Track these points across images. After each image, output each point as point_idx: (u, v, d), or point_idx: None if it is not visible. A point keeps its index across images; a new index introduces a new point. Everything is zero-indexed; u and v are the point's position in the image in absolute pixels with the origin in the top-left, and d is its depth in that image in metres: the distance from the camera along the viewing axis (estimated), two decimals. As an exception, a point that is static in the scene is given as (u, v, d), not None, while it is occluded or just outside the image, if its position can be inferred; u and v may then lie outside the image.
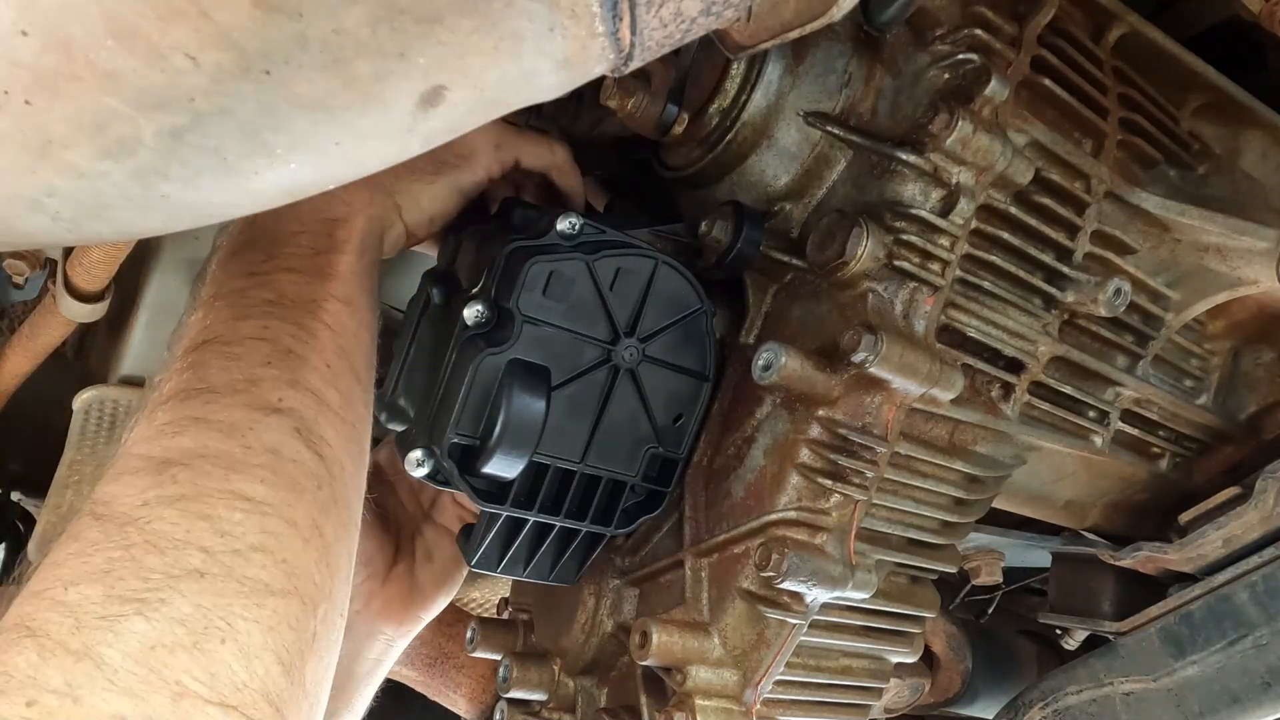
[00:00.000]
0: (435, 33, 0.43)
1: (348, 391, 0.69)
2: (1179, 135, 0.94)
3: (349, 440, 0.67)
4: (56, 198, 0.46)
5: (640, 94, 0.81)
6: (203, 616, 0.52)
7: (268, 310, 0.68)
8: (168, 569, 0.52)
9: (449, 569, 1.02)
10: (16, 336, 1.12)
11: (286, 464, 0.61)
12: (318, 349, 0.68)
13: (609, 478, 0.83)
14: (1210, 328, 1.06)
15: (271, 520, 0.58)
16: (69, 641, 0.49)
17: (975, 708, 1.44)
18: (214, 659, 0.51)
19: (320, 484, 0.62)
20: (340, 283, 0.72)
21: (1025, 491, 1.00)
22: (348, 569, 0.65)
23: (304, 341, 0.67)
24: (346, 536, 0.66)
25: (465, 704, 1.50)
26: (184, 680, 0.50)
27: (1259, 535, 0.94)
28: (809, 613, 0.78)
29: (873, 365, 0.72)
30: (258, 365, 0.64)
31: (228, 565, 0.54)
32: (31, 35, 0.40)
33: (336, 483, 0.64)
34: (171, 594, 0.52)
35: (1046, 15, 0.82)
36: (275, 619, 0.55)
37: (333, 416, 0.66)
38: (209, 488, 0.57)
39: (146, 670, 0.49)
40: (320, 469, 0.63)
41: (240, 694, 0.51)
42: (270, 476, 0.59)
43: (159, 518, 0.55)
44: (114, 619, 0.50)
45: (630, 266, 0.79)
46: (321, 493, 0.62)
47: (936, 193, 0.78)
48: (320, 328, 0.69)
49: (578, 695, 0.91)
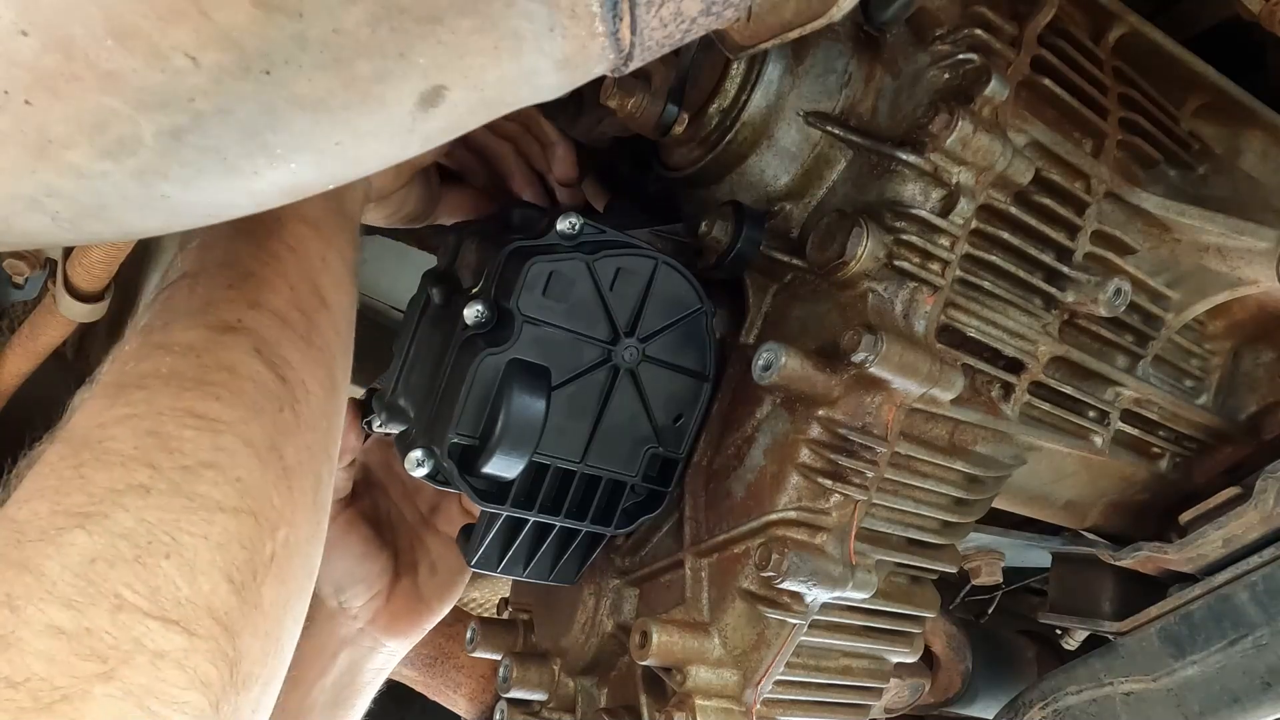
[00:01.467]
0: (435, 33, 0.43)
1: (313, 315, 0.67)
2: (1179, 135, 0.94)
3: (315, 364, 0.65)
4: (56, 198, 0.46)
5: (640, 94, 0.81)
6: (146, 531, 0.51)
7: (232, 237, 0.66)
8: (113, 484, 0.52)
9: (453, 579, 1.01)
10: (16, 336, 1.12)
11: (244, 382, 0.59)
12: (280, 270, 0.66)
13: (609, 478, 0.83)
14: (1210, 328, 1.06)
15: (225, 438, 0.56)
16: (11, 554, 0.48)
17: (975, 708, 1.44)
18: (155, 573, 0.50)
19: (282, 405, 0.61)
20: (302, 203, 0.68)
21: (1025, 491, 1.00)
22: (315, 496, 0.63)
23: (265, 263, 0.66)
24: (312, 462, 0.63)
25: (465, 704, 1.50)
26: (123, 593, 0.49)
27: (1259, 535, 0.94)
28: (809, 613, 0.78)
29: (873, 365, 0.72)
30: (218, 289, 0.63)
31: (175, 481, 0.53)
32: (31, 35, 0.40)
33: (300, 405, 0.62)
34: (114, 509, 0.51)
35: (1046, 15, 0.82)
36: (225, 536, 0.53)
37: (296, 339, 0.64)
38: (161, 405, 0.56)
39: (86, 583, 0.48)
40: (282, 390, 0.61)
41: (182, 608, 0.50)
42: (225, 394, 0.58)
43: (110, 436, 0.54)
44: (57, 532, 0.49)
45: (630, 266, 0.80)
46: (283, 415, 0.61)
47: (936, 193, 0.78)
48: (283, 249, 0.67)
49: (578, 695, 0.91)
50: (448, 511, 1.02)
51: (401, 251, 1.42)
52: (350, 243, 0.75)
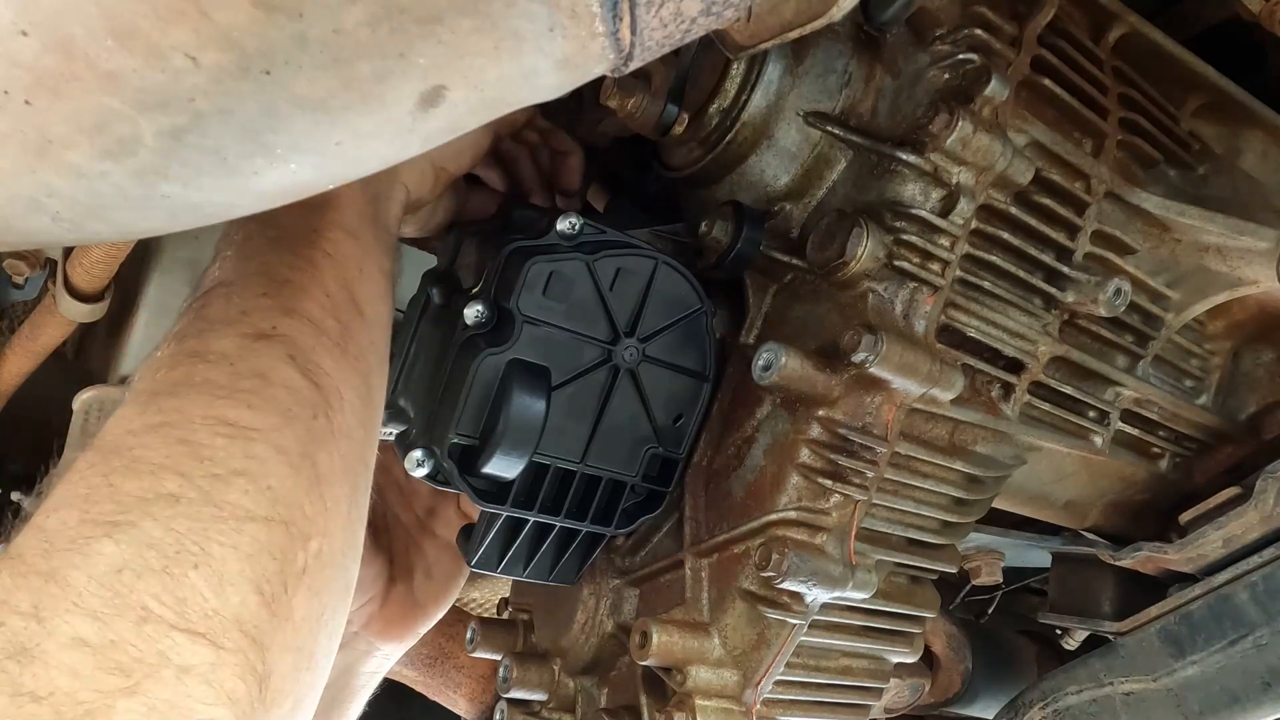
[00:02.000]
0: (435, 33, 0.43)
1: (349, 323, 0.65)
2: (1179, 135, 0.94)
3: (351, 372, 0.64)
4: (56, 198, 0.46)
5: (640, 94, 0.81)
6: (175, 541, 0.50)
7: (269, 246, 0.65)
8: (142, 493, 0.51)
9: (449, 584, 1.01)
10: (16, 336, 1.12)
11: (277, 389, 0.58)
12: (316, 278, 0.64)
13: (609, 478, 0.83)
14: (1210, 328, 1.06)
15: (257, 445, 0.55)
16: (39, 564, 0.48)
17: (975, 708, 1.44)
18: (183, 584, 0.49)
19: (316, 413, 0.59)
20: (340, 211, 0.68)
21: (1025, 491, 1.00)
22: (351, 507, 0.62)
23: (301, 270, 0.64)
24: (347, 471, 0.62)
25: (465, 704, 1.50)
26: (150, 604, 0.48)
27: (1259, 535, 0.94)
28: (809, 613, 0.78)
29: (873, 365, 0.72)
30: (253, 297, 0.62)
31: (205, 490, 0.52)
32: (31, 35, 0.40)
33: (335, 413, 0.61)
34: (143, 518, 0.50)
35: (1046, 15, 0.82)
36: (255, 546, 0.52)
37: (331, 346, 0.63)
38: (192, 414, 0.55)
39: (112, 594, 0.47)
40: (316, 397, 0.60)
41: (209, 621, 0.49)
42: (258, 401, 0.56)
43: (140, 444, 0.53)
44: (85, 541, 0.49)
45: (630, 266, 0.79)
46: (317, 422, 0.59)
47: (936, 193, 0.78)
48: (319, 256, 0.65)
49: (578, 695, 0.91)
50: (444, 515, 1.01)
51: (401, 251, 1.42)
52: (388, 253, 0.74)
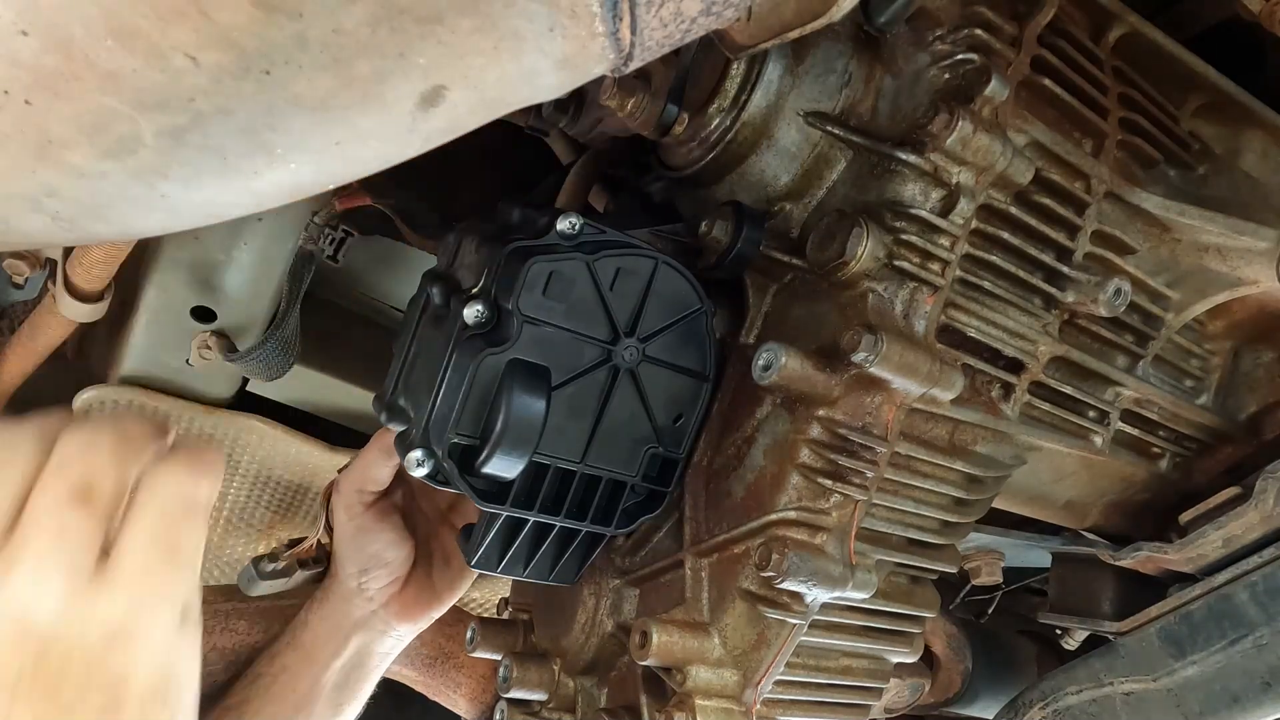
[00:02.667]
0: (435, 33, 0.43)
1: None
2: (1179, 135, 0.94)
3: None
4: (56, 198, 0.46)
5: (640, 94, 0.81)
6: None
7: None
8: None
9: (463, 572, 1.07)
10: (16, 336, 1.12)
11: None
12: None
13: (609, 478, 0.83)
14: (1210, 328, 1.06)
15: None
16: None
17: (975, 708, 1.44)
18: None
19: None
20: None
21: (1025, 491, 1.00)
22: None
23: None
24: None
25: (465, 704, 1.50)
26: None
27: (1259, 535, 0.94)
28: (809, 613, 0.78)
29: (873, 365, 0.72)
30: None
31: None
32: (31, 35, 0.40)
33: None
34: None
35: (1046, 15, 0.82)
36: None
37: None
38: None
39: None
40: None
41: None
42: None
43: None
44: None
45: (630, 266, 0.79)
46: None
47: (936, 193, 0.78)
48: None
49: (578, 695, 0.91)
50: (464, 509, 1.06)
51: (401, 251, 1.42)
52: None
